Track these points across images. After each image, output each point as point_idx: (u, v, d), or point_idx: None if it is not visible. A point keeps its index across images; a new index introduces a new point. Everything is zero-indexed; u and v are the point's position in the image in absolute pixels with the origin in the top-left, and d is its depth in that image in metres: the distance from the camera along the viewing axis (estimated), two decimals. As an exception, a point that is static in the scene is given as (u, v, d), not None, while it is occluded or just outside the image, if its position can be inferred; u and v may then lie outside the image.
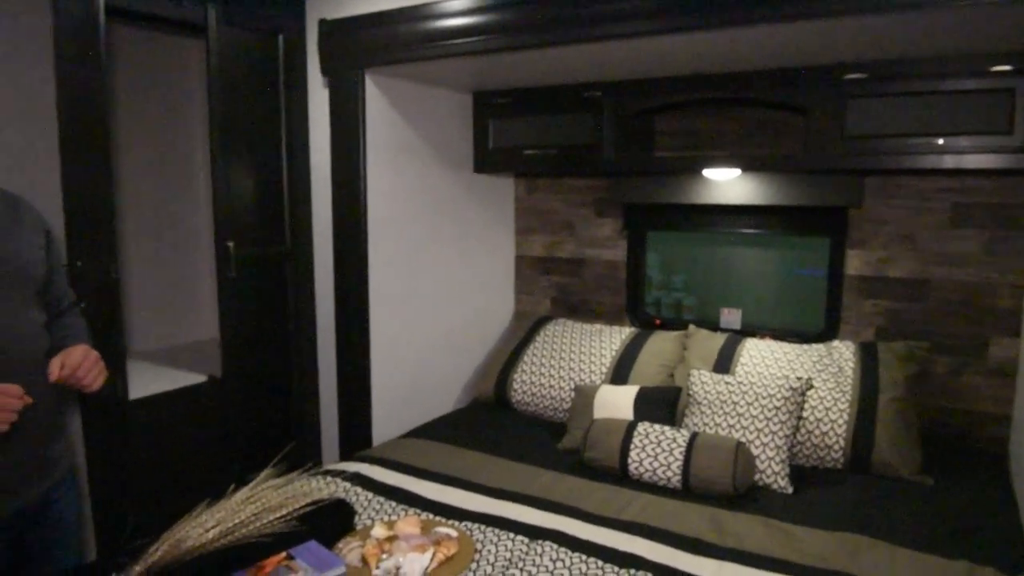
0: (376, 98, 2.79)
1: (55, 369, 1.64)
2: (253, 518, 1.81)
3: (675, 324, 3.22)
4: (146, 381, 2.80)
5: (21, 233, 1.71)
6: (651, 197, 3.14)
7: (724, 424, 2.45)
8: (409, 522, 1.98)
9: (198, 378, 2.89)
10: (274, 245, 2.97)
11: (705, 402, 2.53)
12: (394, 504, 2.18)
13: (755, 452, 2.35)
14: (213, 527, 1.75)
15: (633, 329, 3.15)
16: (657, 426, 2.41)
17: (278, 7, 2.87)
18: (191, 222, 3.70)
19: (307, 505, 1.91)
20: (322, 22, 2.75)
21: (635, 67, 2.63)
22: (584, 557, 1.85)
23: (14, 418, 1.53)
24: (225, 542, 1.74)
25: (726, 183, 2.93)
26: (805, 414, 2.49)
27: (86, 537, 2.41)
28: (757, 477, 2.33)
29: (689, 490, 2.28)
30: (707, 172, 2.90)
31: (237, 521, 1.78)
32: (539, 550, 1.88)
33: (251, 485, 1.91)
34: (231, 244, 2.73)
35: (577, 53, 2.37)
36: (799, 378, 2.51)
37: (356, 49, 2.68)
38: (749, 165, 2.75)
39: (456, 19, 2.43)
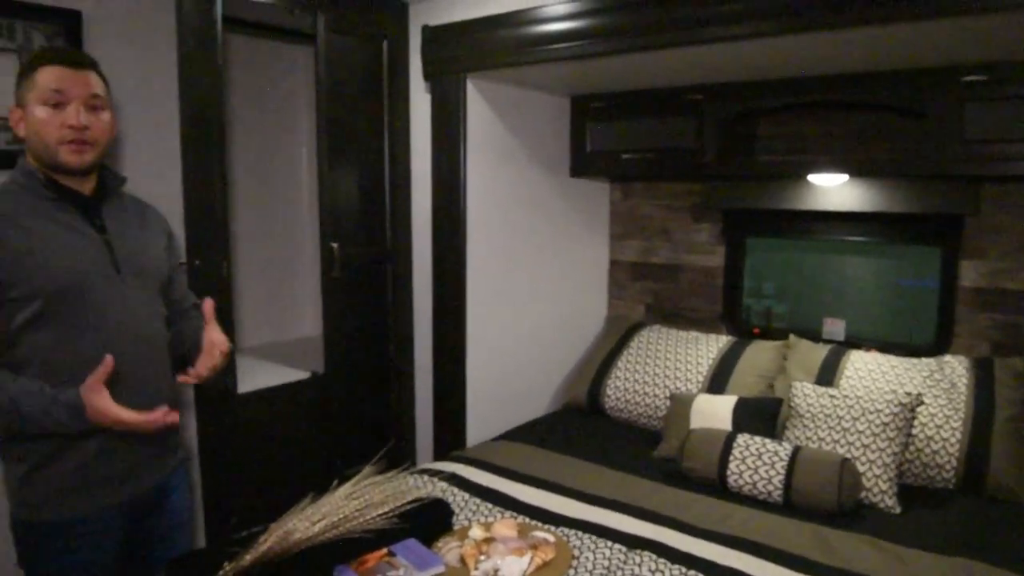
0: (477, 102, 2.82)
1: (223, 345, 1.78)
2: (356, 514, 1.86)
3: (769, 333, 3.14)
4: (253, 376, 2.91)
5: (148, 235, 1.83)
6: (752, 202, 3.07)
7: (828, 439, 2.37)
8: (506, 525, 1.99)
9: (302, 374, 2.98)
10: (375, 246, 3.04)
11: (808, 415, 2.46)
12: (490, 506, 2.20)
13: (861, 469, 2.27)
14: (319, 521, 1.81)
15: (730, 337, 3.09)
16: (758, 438, 2.36)
17: (384, 14, 2.94)
18: (295, 223, 3.82)
19: (407, 503, 1.94)
20: (425, 28, 2.80)
21: (739, 69, 2.58)
22: (684, 570, 1.82)
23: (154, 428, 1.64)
24: (330, 536, 1.80)
25: (832, 189, 2.84)
26: (915, 431, 2.39)
27: (196, 525, 2.52)
28: (863, 495, 2.24)
29: (791, 505, 2.21)
30: (812, 177, 2.81)
31: (341, 516, 1.84)
32: (637, 560, 1.86)
33: (353, 481, 1.96)
34: (335, 245, 2.81)
35: (680, 56, 2.34)
36: (908, 393, 2.40)
37: (458, 54, 2.72)
38: (858, 170, 2.65)
39: (557, 24, 2.43)
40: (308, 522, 1.79)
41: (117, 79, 1.85)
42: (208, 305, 1.82)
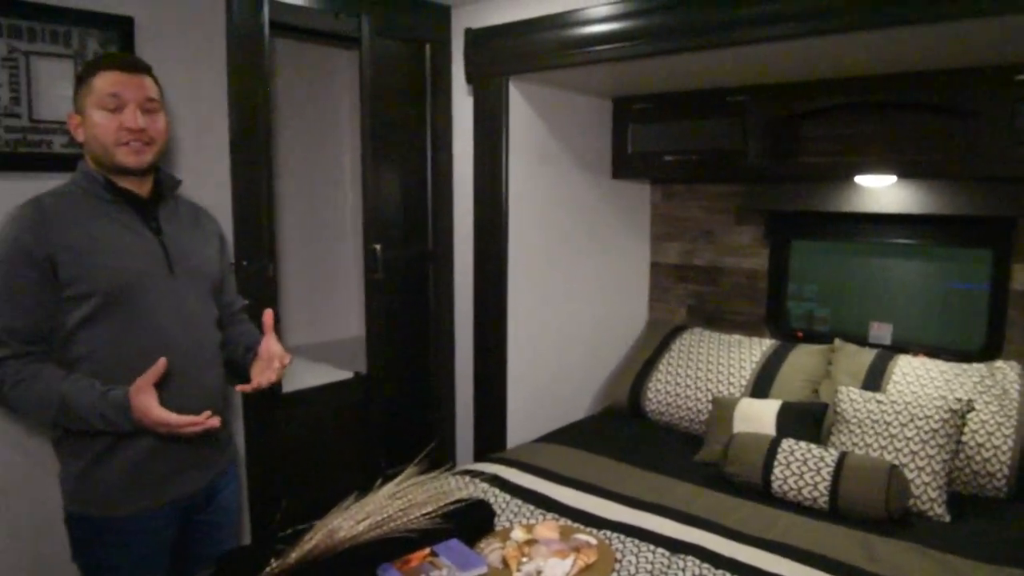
0: (519, 104, 2.82)
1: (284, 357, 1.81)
2: (400, 513, 1.88)
3: (812, 337, 3.10)
4: (298, 376, 2.95)
5: (201, 237, 1.87)
6: (796, 204, 3.03)
7: (875, 445, 2.33)
8: (548, 527, 1.99)
9: (345, 374, 3.02)
10: (417, 248, 3.07)
11: (854, 421, 2.42)
12: (531, 508, 2.21)
13: (909, 476, 2.22)
14: (363, 520, 1.83)
15: (774, 341, 3.05)
16: (803, 443, 2.33)
17: (427, 18, 2.97)
18: (338, 225, 3.87)
19: (450, 503, 1.96)
20: (468, 31, 2.82)
21: (784, 70, 2.55)
22: (728, 575, 1.80)
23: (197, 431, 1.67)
24: (374, 535, 1.81)
25: (879, 190, 2.79)
26: (965, 438, 2.34)
27: (242, 522, 2.56)
28: (911, 503, 2.20)
29: (837, 512, 2.18)
30: (860, 179, 2.77)
31: (385, 515, 1.85)
32: (681, 564, 1.85)
33: (396, 481, 1.97)
34: (378, 246, 2.84)
35: (723, 57, 2.32)
36: (959, 399, 2.35)
37: (500, 57, 2.73)
38: (906, 171, 2.61)
39: (600, 26, 2.43)
40: (352, 521, 1.82)
41: (168, 83, 1.89)
42: (268, 316, 1.83)
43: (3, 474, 2.14)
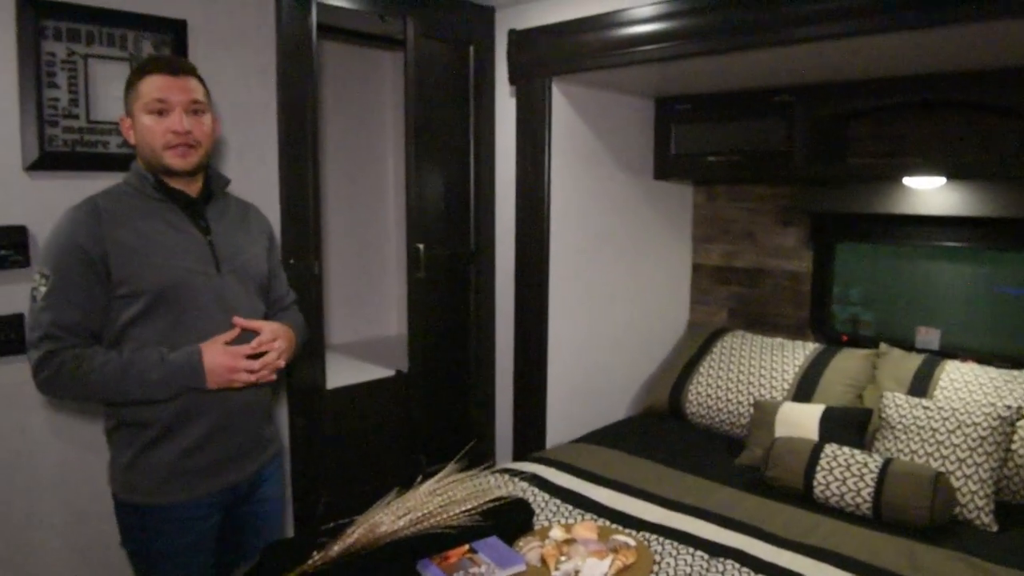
0: (561, 105, 2.83)
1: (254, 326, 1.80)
2: (440, 509, 1.90)
3: (857, 341, 3.05)
4: (340, 372, 3.00)
5: (249, 236, 1.90)
6: (842, 206, 2.98)
7: (921, 452, 2.29)
8: (587, 527, 2.00)
9: (386, 372, 3.06)
10: (459, 247, 3.09)
11: (900, 427, 2.38)
12: (570, 508, 2.21)
13: (956, 484, 2.18)
14: (404, 515, 1.85)
15: (817, 345, 3.01)
16: (846, 449, 2.30)
17: (471, 19, 2.99)
18: (381, 224, 3.92)
19: (489, 501, 1.97)
20: (511, 32, 2.83)
21: (830, 70, 2.51)
22: (768, 580, 1.80)
23: (261, 376, 1.75)
24: (414, 530, 1.84)
25: (928, 192, 2.74)
26: (1014, 446, 2.28)
27: (285, 515, 2.61)
28: (957, 511, 2.16)
29: (880, 519, 2.15)
30: (908, 180, 2.72)
31: (425, 511, 1.88)
32: (720, 567, 1.84)
33: (437, 478, 2.00)
34: (421, 246, 2.87)
35: (769, 57, 2.30)
36: (1008, 406, 2.30)
37: (544, 58, 2.74)
38: (956, 173, 2.55)
39: (644, 26, 2.42)
40: (394, 516, 1.84)
41: (218, 85, 1.94)
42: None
43: (60, 463, 2.23)
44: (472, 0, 2.97)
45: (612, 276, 3.19)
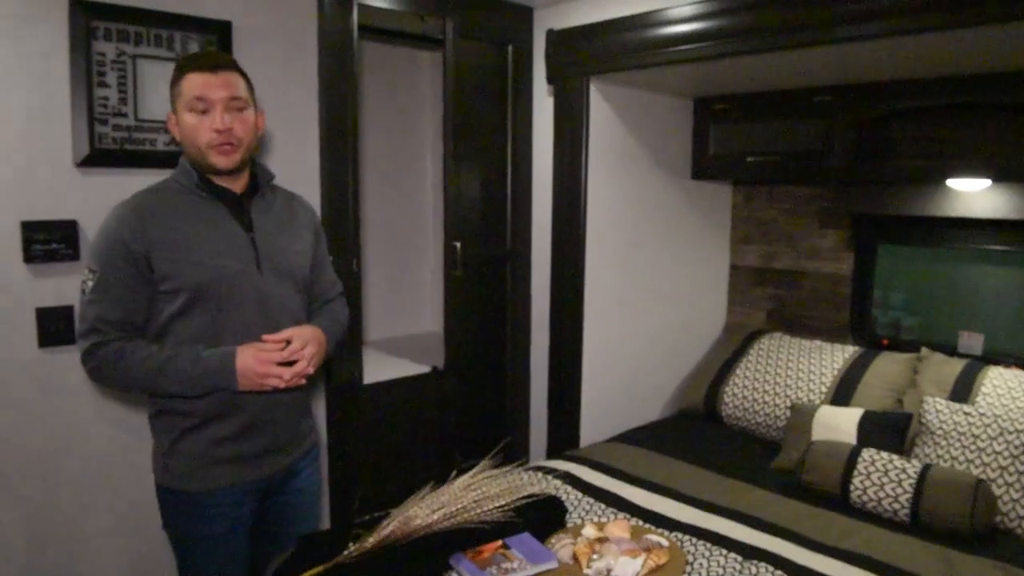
0: (599, 105, 2.83)
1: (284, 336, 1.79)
2: (473, 505, 1.92)
3: (898, 345, 3.00)
4: (377, 368, 3.03)
5: (294, 232, 1.92)
6: (884, 208, 2.94)
7: (961, 458, 2.26)
8: (619, 526, 2.00)
9: (422, 368, 3.08)
10: (496, 246, 3.11)
11: (940, 432, 2.34)
12: (603, 506, 2.22)
13: (997, 492, 2.14)
14: (438, 509, 1.87)
15: (857, 348, 2.97)
16: (884, 454, 2.27)
17: (509, 20, 3.01)
18: (419, 222, 3.95)
19: (523, 498, 1.98)
20: (550, 32, 2.84)
21: (872, 70, 2.48)
22: (802, 583, 1.78)
23: (292, 382, 1.76)
24: (448, 524, 1.86)
25: (972, 194, 2.69)
26: (1060, 455, 2.24)
27: (321, 507, 2.65)
28: (998, 519, 2.12)
29: (918, 526, 2.12)
30: (952, 182, 2.67)
31: (459, 506, 1.90)
32: (753, 570, 1.83)
33: (471, 473, 2.01)
34: (458, 244, 2.89)
35: (809, 57, 2.28)
36: (1054, 414, 2.26)
37: (582, 57, 2.74)
38: (1002, 175, 2.50)
39: (683, 25, 2.41)
40: (428, 510, 1.86)
41: (262, 84, 1.97)
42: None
43: (106, 448, 2.30)
44: (511, 1, 2.98)
45: (649, 276, 3.18)
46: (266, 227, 1.84)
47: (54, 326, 2.17)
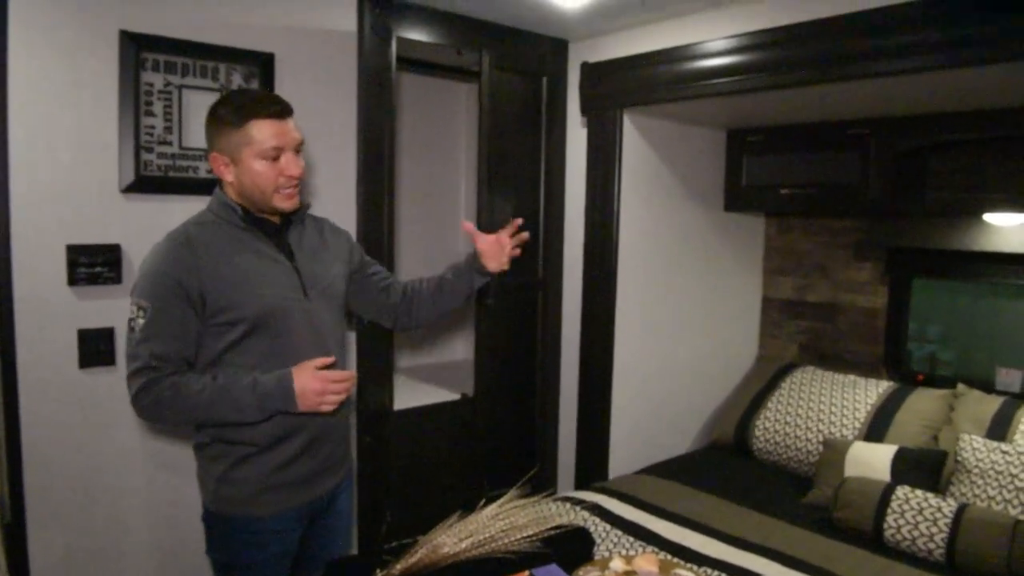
0: (632, 136, 2.85)
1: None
2: (501, 534, 1.91)
3: (933, 380, 2.95)
4: (407, 394, 3.05)
5: (330, 254, 1.96)
6: (920, 241, 2.92)
7: (999, 498, 2.21)
8: (647, 559, 1.98)
9: (452, 395, 3.10)
10: (527, 275, 3.13)
11: (976, 471, 2.30)
12: (631, 539, 2.20)
13: (1037, 534, 2.09)
14: (466, 538, 1.87)
15: (891, 383, 2.93)
16: (919, 492, 2.23)
17: (544, 52, 3.05)
18: (451, 250, 3.98)
19: (551, 528, 1.98)
20: (584, 65, 2.87)
21: (910, 102, 2.47)
22: (833, 622, 1.75)
23: (343, 399, 1.77)
24: (475, 553, 1.86)
25: (1010, 229, 2.66)
26: (1103, 497, 2.18)
27: (352, 531, 2.67)
28: (1039, 562, 2.07)
29: (954, 566, 2.07)
30: (989, 216, 2.64)
31: (487, 535, 1.89)
32: (783, 607, 1.81)
33: (499, 503, 2.01)
34: (490, 273, 2.91)
35: (845, 90, 2.28)
36: (1097, 455, 2.20)
37: (616, 90, 2.77)
38: (1041, 211, 2.47)
39: (716, 59, 2.43)
40: (456, 538, 1.86)
41: (303, 114, 2.01)
42: (468, 225, 2.16)
43: (144, 468, 2.36)
44: (546, 34, 3.03)
45: (680, 307, 3.17)
46: (304, 254, 1.88)
47: (95, 347, 2.23)
